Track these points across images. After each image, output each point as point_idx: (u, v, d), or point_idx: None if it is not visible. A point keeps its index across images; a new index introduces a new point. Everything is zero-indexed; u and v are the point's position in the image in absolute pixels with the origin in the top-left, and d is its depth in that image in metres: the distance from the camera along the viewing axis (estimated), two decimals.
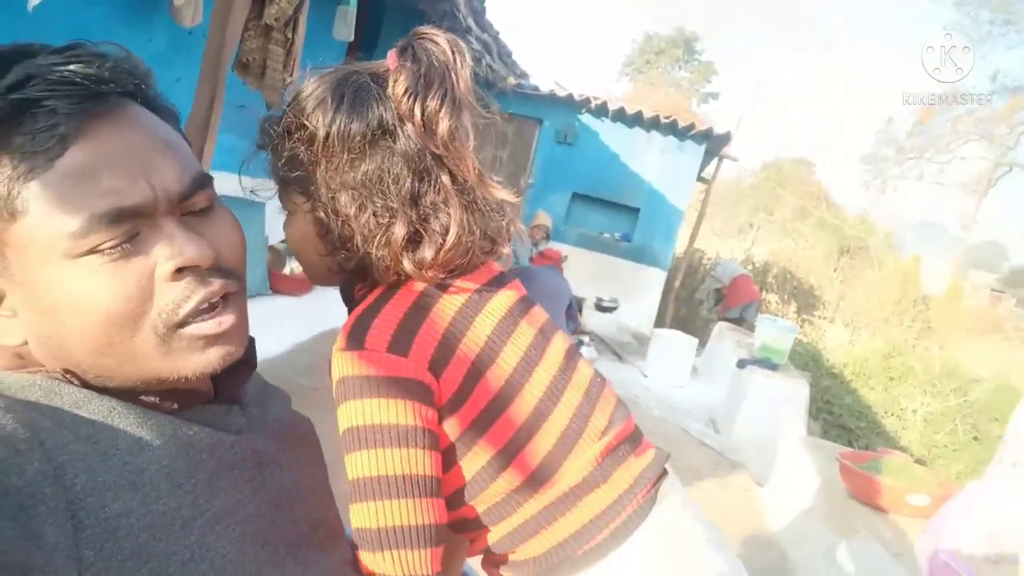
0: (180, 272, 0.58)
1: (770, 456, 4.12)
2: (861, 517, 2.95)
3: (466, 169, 0.76)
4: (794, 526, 3.38)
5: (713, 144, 8.10)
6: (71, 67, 0.55)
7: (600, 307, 7.66)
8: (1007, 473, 2.25)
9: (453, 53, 0.74)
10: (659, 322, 8.33)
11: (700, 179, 9.20)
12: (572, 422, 0.78)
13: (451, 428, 0.75)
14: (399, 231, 0.72)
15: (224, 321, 0.62)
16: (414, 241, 0.74)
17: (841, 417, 7.59)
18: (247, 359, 0.73)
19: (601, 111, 7.96)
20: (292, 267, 4.56)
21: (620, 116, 7.94)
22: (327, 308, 4.94)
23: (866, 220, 21.03)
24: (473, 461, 0.76)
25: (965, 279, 20.64)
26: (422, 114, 0.72)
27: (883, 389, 9.06)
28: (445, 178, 0.75)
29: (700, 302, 9.45)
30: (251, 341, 0.73)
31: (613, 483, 0.78)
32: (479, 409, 0.75)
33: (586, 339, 6.14)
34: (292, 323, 4.48)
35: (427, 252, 0.73)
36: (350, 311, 0.80)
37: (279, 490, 0.70)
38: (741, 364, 5.22)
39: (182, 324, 0.59)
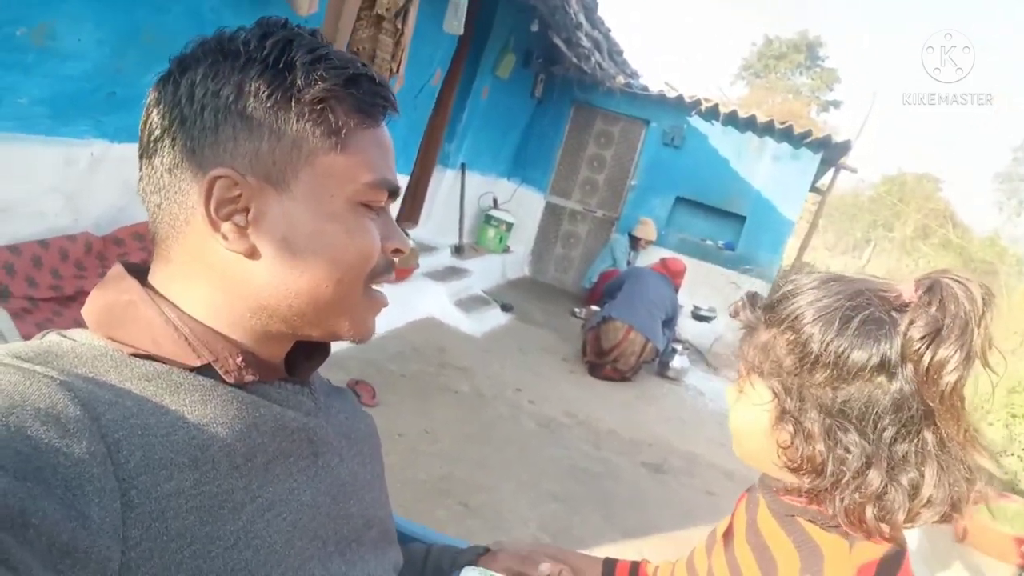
0: (395, 252, 0.70)
1: None
2: (968, 562, 2.71)
3: (956, 428, 0.69)
4: None
5: (830, 153, 7.69)
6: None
7: (697, 316, 7.43)
8: None
9: (984, 306, 0.68)
10: None
11: (814, 189, 8.77)
12: None
13: None
14: (874, 480, 0.69)
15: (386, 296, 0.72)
16: (880, 493, 0.70)
17: None
18: (322, 346, 0.76)
19: (711, 114, 7.70)
20: None
21: (731, 120, 7.66)
22: (419, 297, 5.02)
23: (996, 243, 19.54)
24: None
25: None
26: (929, 363, 0.67)
27: (1004, 426, 8.37)
28: (928, 432, 0.69)
29: None
30: None
31: None
32: None
33: (680, 347, 5.96)
34: (386, 310, 4.55)
35: (897, 512, 0.69)
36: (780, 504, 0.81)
37: (337, 482, 0.70)
38: None
39: (374, 288, 0.70)
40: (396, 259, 0.71)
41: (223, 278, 0.63)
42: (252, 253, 0.62)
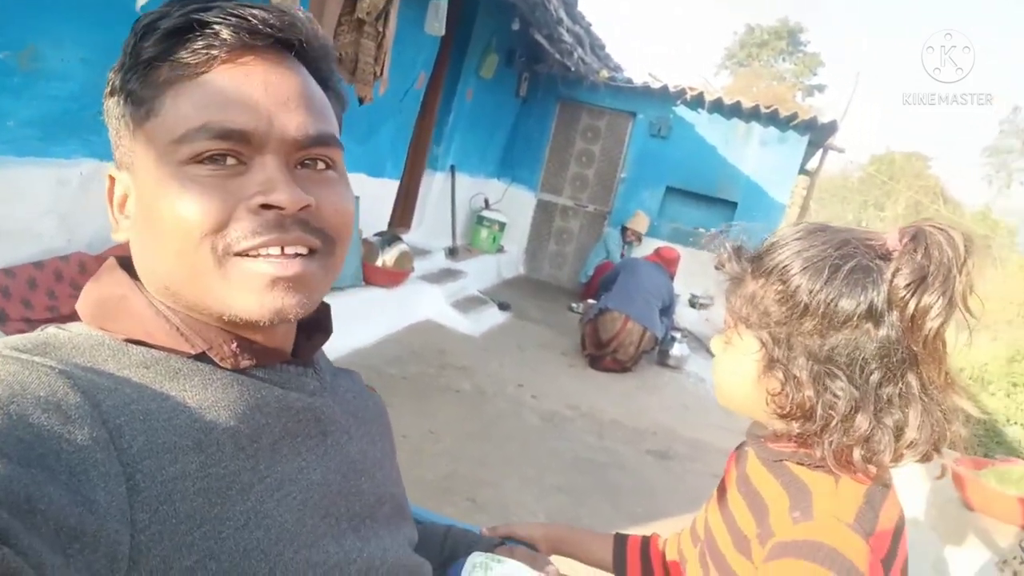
0: (264, 208, 0.58)
1: None
2: (976, 528, 2.72)
3: (937, 372, 0.72)
4: None
5: (817, 135, 7.71)
6: (252, 9, 0.59)
7: (694, 304, 7.45)
8: None
9: (966, 254, 0.70)
10: None
11: (803, 172, 8.79)
12: None
13: None
14: (861, 423, 0.71)
15: (290, 267, 0.60)
16: (867, 435, 0.72)
17: None
18: (323, 326, 0.75)
19: (697, 103, 7.72)
20: (384, 260, 4.66)
21: (717, 107, 7.68)
22: (417, 301, 5.02)
23: (988, 216, 19.62)
24: None
25: None
26: (915, 309, 0.69)
27: (1005, 395, 8.42)
28: (912, 376, 0.72)
29: None
30: (326, 308, 0.74)
31: None
32: None
33: (679, 335, 5.98)
34: (383, 314, 4.57)
35: (883, 452, 0.71)
36: (762, 442, 0.83)
37: (347, 459, 0.70)
38: None
39: (242, 255, 0.59)
40: (292, 214, 0.59)
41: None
42: (126, 240, 0.64)
